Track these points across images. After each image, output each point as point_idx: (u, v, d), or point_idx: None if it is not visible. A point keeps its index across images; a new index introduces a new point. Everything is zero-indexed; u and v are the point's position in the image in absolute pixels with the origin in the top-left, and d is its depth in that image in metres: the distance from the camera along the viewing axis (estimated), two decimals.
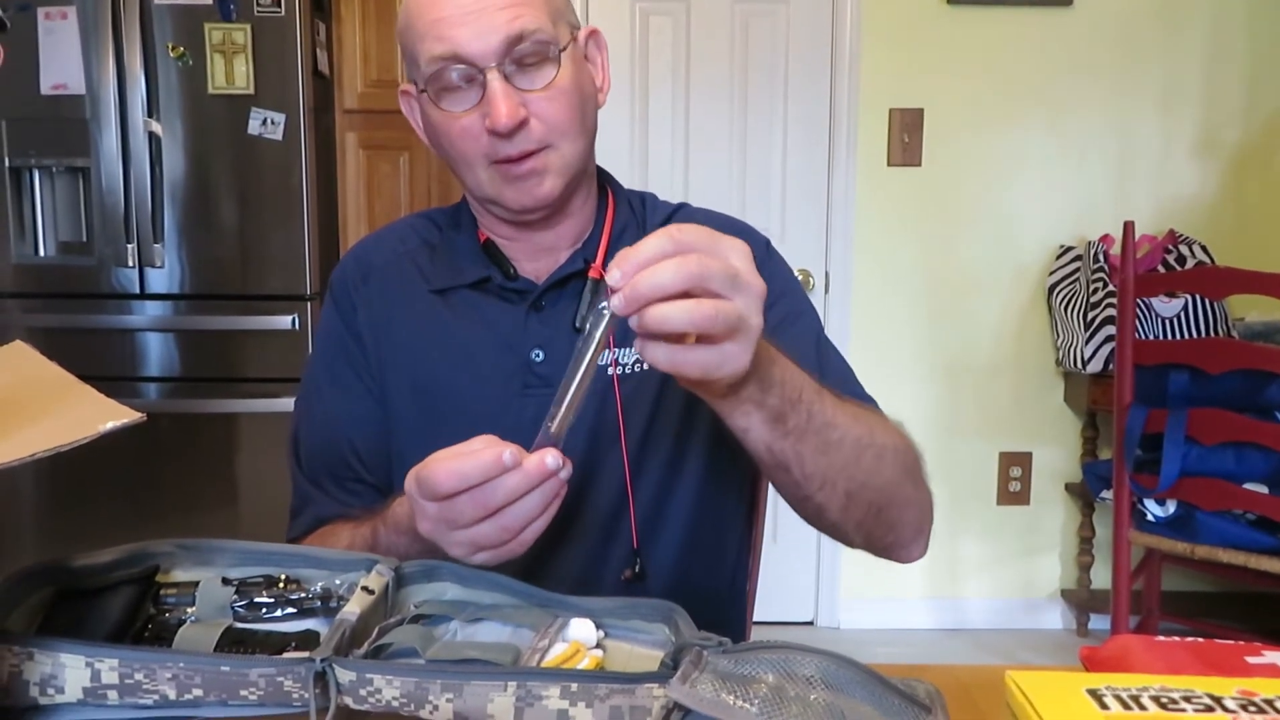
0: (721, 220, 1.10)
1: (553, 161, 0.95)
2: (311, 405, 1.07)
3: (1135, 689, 0.54)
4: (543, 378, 0.99)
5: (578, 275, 1.01)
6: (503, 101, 0.90)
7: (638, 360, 0.99)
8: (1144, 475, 2.28)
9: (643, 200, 1.11)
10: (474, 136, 0.93)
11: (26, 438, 0.57)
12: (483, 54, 0.90)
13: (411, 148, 3.44)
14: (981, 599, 3.11)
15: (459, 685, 0.63)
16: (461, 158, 0.96)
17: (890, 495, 0.90)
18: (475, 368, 1.00)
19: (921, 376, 3.02)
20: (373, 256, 1.08)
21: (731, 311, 0.67)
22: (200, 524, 3.05)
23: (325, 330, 1.08)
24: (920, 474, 0.97)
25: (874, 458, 0.87)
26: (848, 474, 0.85)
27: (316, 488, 1.04)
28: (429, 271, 1.05)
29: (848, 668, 0.63)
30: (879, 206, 2.98)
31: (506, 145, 0.93)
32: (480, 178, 0.96)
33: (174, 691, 0.63)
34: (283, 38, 2.90)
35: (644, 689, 0.63)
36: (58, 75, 2.90)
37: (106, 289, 2.99)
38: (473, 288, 1.03)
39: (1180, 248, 2.80)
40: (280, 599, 0.73)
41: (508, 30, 0.90)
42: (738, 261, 0.68)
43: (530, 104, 0.92)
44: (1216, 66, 2.94)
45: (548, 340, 0.99)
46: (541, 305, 1.01)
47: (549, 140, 0.94)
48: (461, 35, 0.90)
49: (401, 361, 1.03)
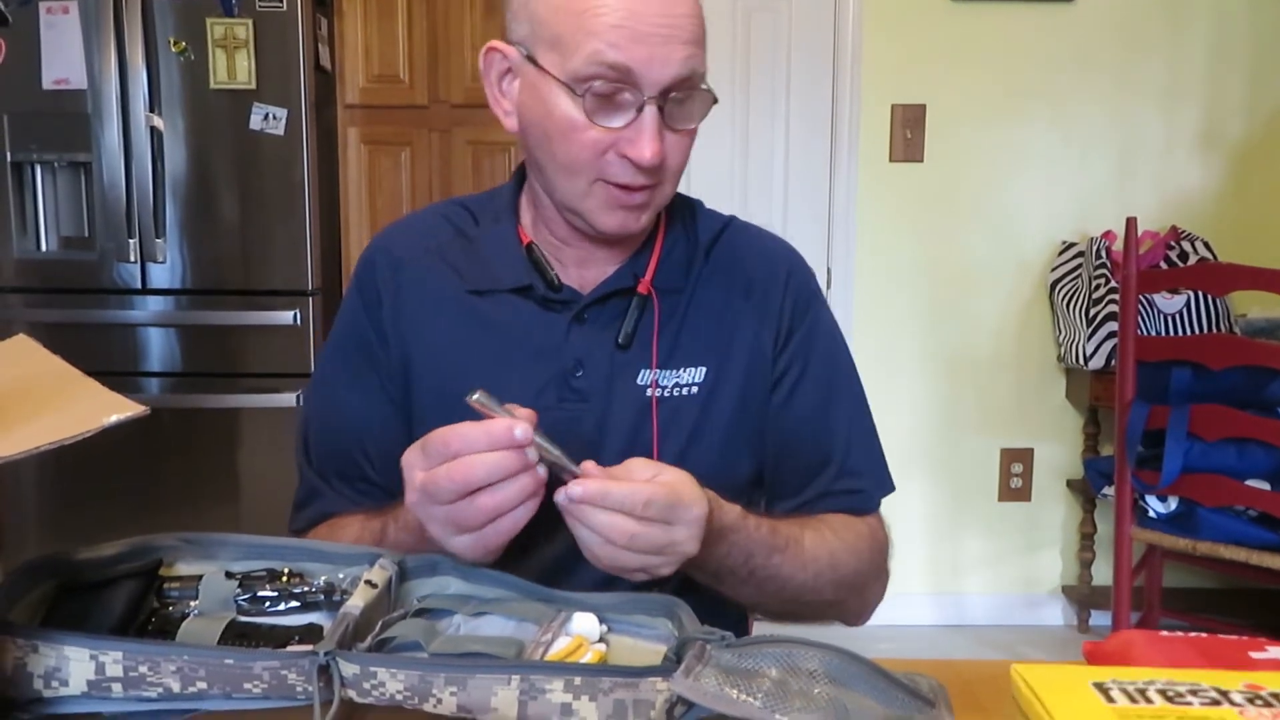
0: (769, 240, 1.08)
1: (657, 198, 0.93)
2: (325, 399, 1.03)
3: (1141, 682, 0.53)
4: (579, 391, 0.95)
5: (624, 290, 0.97)
6: (655, 140, 0.86)
7: (677, 384, 0.97)
8: (1145, 471, 2.28)
9: (693, 211, 1.06)
10: (598, 152, 0.88)
11: (31, 431, 0.57)
12: (653, 82, 0.86)
13: (413, 143, 3.44)
14: (982, 595, 3.11)
15: (463, 678, 0.63)
16: (569, 162, 0.90)
17: (825, 609, 0.98)
18: (510, 375, 0.95)
19: (923, 372, 3.02)
20: (403, 248, 1.02)
21: (662, 536, 0.74)
22: (201, 519, 3.05)
23: (347, 321, 1.02)
24: (872, 577, 1.02)
25: (813, 593, 0.93)
26: (781, 603, 0.93)
27: (324, 482, 1.00)
28: (464, 269, 0.99)
29: (851, 662, 0.63)
30: (881, 202, 2.98)
31: (631, 175, 0.89)
32: (579, 188, 0.91)
33: (178, 684, 0.63)
34: (284, 33, 2.89)
35: (647, 683, 0.63)
36: (59, 70, 2.90)
37: (108, 284, 2.99)
38: (513, 292, 0.98)
39: (1183, 244, 2.80)
40: (283, 592, 0.74)
41: (682, 68, 0.86)
42: (680, 533, 0.75)
43: (666, 141, 0.89)
44: (1219, 61, 2.93)
45: (588, 353, 0.96)
46: (584, 318, 0.97)
47: (663, 179, 0.92)
48: (640, 55, 0.84)
49: (430, 362, 0.98)
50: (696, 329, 0.99)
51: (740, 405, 0.98)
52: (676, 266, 1.00)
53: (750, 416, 1.00)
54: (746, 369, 0.99)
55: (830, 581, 0.93)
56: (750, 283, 1.02)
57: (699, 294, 1.00)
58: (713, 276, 1.01)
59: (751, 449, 1.01)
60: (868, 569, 0.99)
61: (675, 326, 0.98)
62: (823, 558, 0.93)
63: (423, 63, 3.39)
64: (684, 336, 0.98)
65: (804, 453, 1.01)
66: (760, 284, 1.02)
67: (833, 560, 0.94)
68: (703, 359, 0.98)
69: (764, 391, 1.01)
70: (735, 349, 0.99)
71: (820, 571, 0.92)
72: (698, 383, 0.97)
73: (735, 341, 0.99)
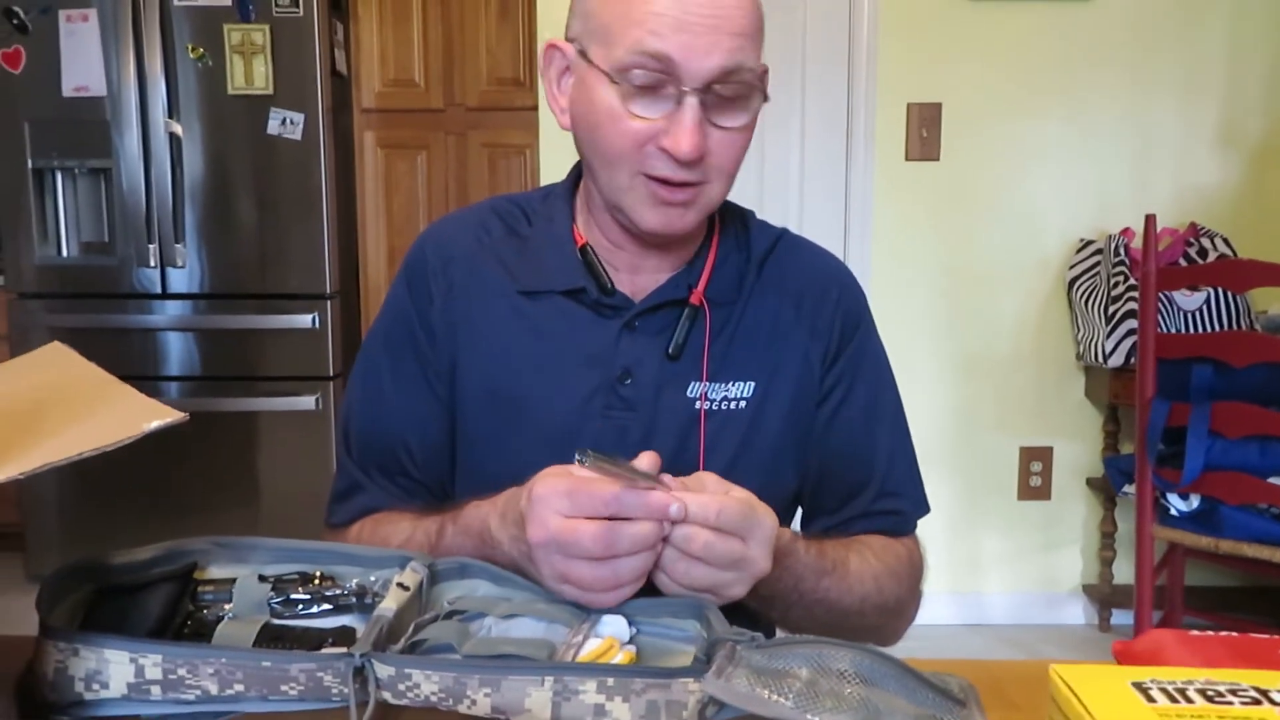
0: (821, 256, 1.07)
1: (703, 197, 0.91)
2: (368, 391, 1.01)
3: (1181, 682, 0.53)
4: (626, 400, 0.94)
5: (677, 300, 0.96)
6: (694, 132, 0.85)
7: (726, 397, 0.96)
8: (1166, 469, 2.27)
9: (745, 222, 1.04)
10: (638, 143, 0.87)
11: (70, 438, 0.57)
12: (694, 73, 0.84)
13: (429, 147, 3.46)
14: (1003, 594, 3.10)
15: (497, 680, 0.63)
16: (610, 153, 0.88)
17: (865, 633, 0.95)
18: (558, 380, 0.95)
19: (941, 371, 3.01)
20: (454, 243, 1.00)
21: (738, 550, 0.73)
22: (221, 522, 3.07)
23: (394, 314, 1.00)
24: (910, 602, 1.01)
25: (858, 616, 0.92)
26: (824, 626, 0.89)
27: (365, 476, 0.99)
28: (516, 269, 0.98)
29: (881, 662, 0.63)
30: (897, 201, 2.97)
31: (671, 169, 0.87)
32: (620, 181, 0.89)
33: (215, 687, 0.64)
34: (301, 38, 2.91)
35: (679, 683, 0.63)
36: (79, 77, 2.93)
37: (128, 289, 3.02)
38: (564, 294, 0.96)
39: (1202, 240, 2.78)
40: (316, 595, 0.74)
41: (727, 59, 0.84)
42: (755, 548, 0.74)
43: (710, 137, 0.87)
44: (1237, 57, 2.92)
45: (637, 361, 0.95)
46: (635, 325, 0.95)
47: (708, 177, 0.89)
48: (681, 43, 0.83)
49: (478, 363, 0.97)
50: (747, 343, 0.98)
51: (787, 421, 0.98)
52: (729, 279, 0.99)
53: (796, 433, 0.99)
54: (794, 385, 0.99)
55: (875, 606, 0.93)
56: (801, 299, 1.01)
57: (750, 307, 0.99)
58: (765, 290, 1.01)
59: (796, 466, 1.00)
60: (907, 594, 0.99)
61: (726, 339, 0.97)
62: (868, 582, 0.92)
63: (438, 67, 3.40)
64: (734, 350, 0.97)
65: (845, 471, 1.01)
66: (811, 300, 1.01)
67: (878, 585, 0.93)
68: (752, 373, 0.97)
69: (810, 408, 1.00)
70: (784, 365, 0.99)
71: (866, 595, 0.92)
72: (746, 397, 0.97)
73: (784, 357, 0.99)
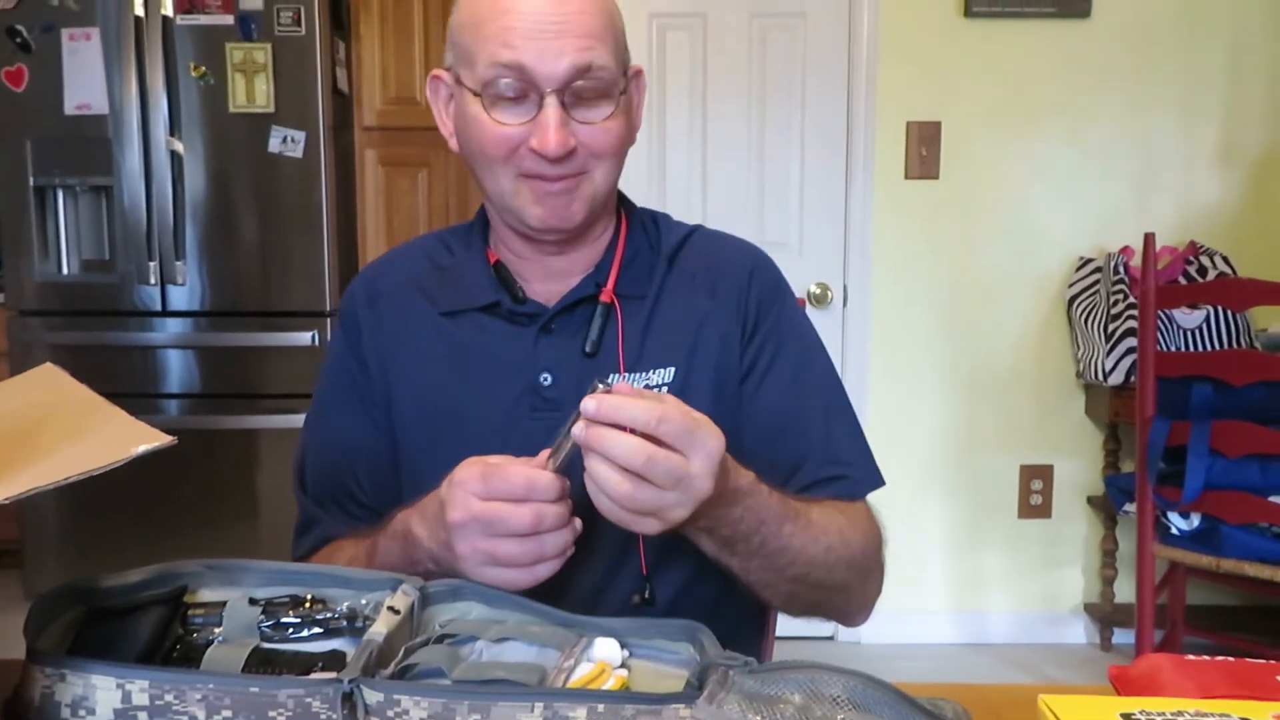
0: (734, 243, 1.10)
1: (584, 186, 0.96)
2: (316, 430, 1.08)
3: (1169, 713, 0.53)
4: (551, 401, 0.98)
5: (588, 299, 1.01)
6: (557, 131, 0.90)
7: (647, 384, 0.98)
8: (1167, 488, 2.27)
9: (655, 221, 1.09)
10: (511, 147, 0.93)
11: (59, 461, 0.57)
12: (548, 76, 0.90)
13: (430, 164, 3.46)
14: (1004, 613, 3.08)
15: (486, 706, 0.63)
16: (490, 162, 0.95)
17: (833, 594, 0.96)
18: (485, 391, 1.00)
19: (941, 389, 3.01)
20: (381, 280, 1.08)
21: (680, 466, 0.73)
22: (220, 539, 3.07)
23: (332, 354, 1.08)
24: (875, 564, 1.01)
25: (824, 570, 0.92)
26: (790, 581, 0.90)
27: (320, 508, 1.04)
28: (438, 295, 1.04)
29: (875, 688, 0.63)
30: (897, 219, 2.97)
31: (545, 166, 0.93)
32: (505, 186, 0.96)
33: (204, 713, 0.63)
34: (303, 57, 2.93)
35: (670, 710, 0.63)
36: (81, 95, 2.94)
37: (129, 306, 3.02)
38: (482, 310, 1.02)
39: (1201, 259, 2.78)
40: (306, 619, 0.74)
41: (577, 59, 0.90)
42: (697, 463, 0.75)
43: (578, 132, 0.93)
44: (1237, 75, 2.92)
45: (556, 364, 0.99)
46: (551, 328, 1.00)
47: (586, 167, 0.95)
48: (532, 50, 0.89)
49: (409, 386, 1.02)
50: (662, 332, 1.01)
51: (714, 400, 0.99)
52: (639, 274, 1.03)
53: (725, 411, 0.99)
54: (715, 364, 1.01)
55: (841, 559, 0.93)
56: (715, 283, 1.04)
57: (664, 299, 1.03)
58: (677, 281, 1.04)
59: (730, 445, 1.00)
60: (873, 552, 0.99)
61: (640, 331, 1.01)
62: (833, 533, 0.92)
63: None
64: (650, 340, 1.00)
65: (782, 445, 1.01)
66: (725, 284, 1.04)
67: (842, 537, 0.93)
68: (671, 359, 1.00)
69: (735, 387, 1.02)
70: (702, 346, 1.01)
71: (831, 546, 0.92)
72: (667, 382, 0.99)
73: (702, 339, 1.01)
